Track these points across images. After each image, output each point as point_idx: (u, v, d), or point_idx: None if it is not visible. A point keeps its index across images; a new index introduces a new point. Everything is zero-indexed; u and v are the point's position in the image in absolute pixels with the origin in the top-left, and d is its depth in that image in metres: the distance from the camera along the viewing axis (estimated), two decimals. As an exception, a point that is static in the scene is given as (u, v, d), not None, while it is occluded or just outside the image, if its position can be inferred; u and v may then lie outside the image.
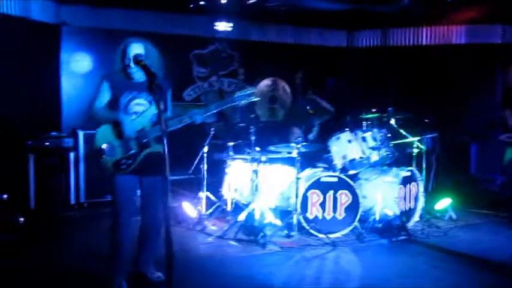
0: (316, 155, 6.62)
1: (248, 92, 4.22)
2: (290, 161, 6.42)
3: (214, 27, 8.81)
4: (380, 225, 5.97)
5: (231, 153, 6.61)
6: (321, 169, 6.35)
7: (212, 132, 6.60)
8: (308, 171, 6.29)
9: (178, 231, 6.05)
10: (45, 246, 5.51)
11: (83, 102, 7.95)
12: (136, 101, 4.05)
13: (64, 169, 6.88)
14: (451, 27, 9.55)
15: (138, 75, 4.06)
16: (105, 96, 4.06)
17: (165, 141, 2.73)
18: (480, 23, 9.35)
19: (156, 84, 3.12)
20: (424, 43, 9.78)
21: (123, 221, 4.04)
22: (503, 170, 8.45)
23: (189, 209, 6.44)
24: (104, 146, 3.95)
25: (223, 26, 8.82)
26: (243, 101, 4.21)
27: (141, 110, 4.04)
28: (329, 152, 6.25)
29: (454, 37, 9.57)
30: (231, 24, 8.87)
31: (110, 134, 3.98)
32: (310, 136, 6.90)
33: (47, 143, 6.81)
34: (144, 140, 4.00)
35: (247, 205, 6.19)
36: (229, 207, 6.56)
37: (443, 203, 6.79)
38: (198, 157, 6.63)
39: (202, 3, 8.12)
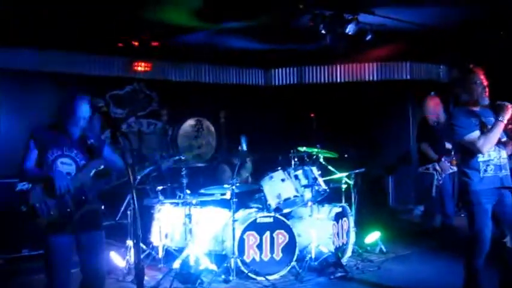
0: (248, 196, 6.52)
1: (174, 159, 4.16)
2: (222, 203, 6.27)
3: (132, 68, 8.57)
4: (316, 263, 5.91)
5: (160, 197, 6.34)
6: (255, 209, 6.24)
7: (138, 177, 6.30)
8: (242, 213, 6.17)
9: (107, 283, 5.59)
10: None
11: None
12: (63, 159, 3.84)
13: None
14: (363, 64, 9.95)
15: (75, 131, 3.86)
16: (33, 155, 3.82)
17: (134, 195, 2.53)
18: (390, 61, 9.82)
19: (121, 133, 2.90)
20: (338, 80, 10.09)
21: (59, 286, 3.72)
22: (419, 200, 8.81)
23: (117, 258, 6.06)
24: (37, 204, 3.63)
25: (140, 67, 8.60)
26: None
27: (65, 168, 3.82)
28: (262, 191, 6.17)
29: (366, 74, 9.97)
30: (149, 64, 8.67)
31: (44, 191, 3.68)
32: (244, 173, 6.79)
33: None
34: (82, 197, 3.74)
35: (179, 251, 5.94)
36: (160, 255, 6.24)
37: (373, 237, 6.89)
38: (125, 203, 6.31)
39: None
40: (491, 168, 4.38)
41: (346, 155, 8.55)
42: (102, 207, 3.91)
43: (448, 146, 7.23)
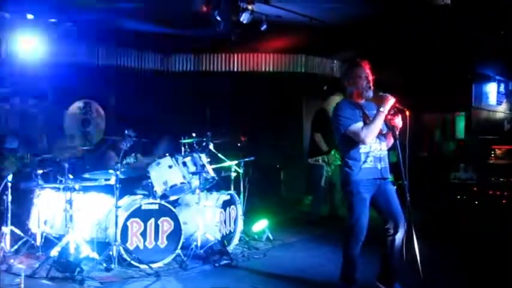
0: (134, 182, 6.35)
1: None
2: (106, 189, 6.06)
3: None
4: (202, 251, 5.88)
5: (40, 181, 6.00)
6: (140, 196, 6.08)
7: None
8: (127, 199, 5.99)
9: (-22, 272, 5.27)
10: None
11: None
12: None
13: None
14: (260, 55, 10.02)
15: None
16: None
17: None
18: (286, 53, 9.96)
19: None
20: (235, 69, 10.09)
21: None
22: (309, 190, 9.05)
23: (-9, 246, 5.68)
24: None
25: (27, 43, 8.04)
26: None
27: None
28: (149, 178, 6.02)
29: (263, 65, 10.05)
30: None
31: None
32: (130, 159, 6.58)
33: None
34: None
35: (59, 238, 5.67)
36: (38, 242, 5.92)
37: (260, 225, 6.97)
38: (1, 186, 5.90)
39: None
40: (371, 159, 4.54)
41: (239, 144, 8.61)
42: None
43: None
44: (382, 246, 4.68)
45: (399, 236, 4.57)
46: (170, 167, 5.95)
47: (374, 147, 4.56)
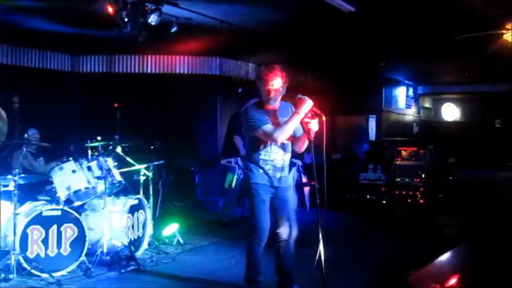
0: (38, 188, 6.12)
1: None
2: (7, 195, 5.79)
3: None
4: (108, 257, 5.74)
5: None
6: (42, 202, 5.85)
7: None
8: (28, 206, 5.74)
9: None
10: None
11: None
12: None
13: None
14: (174, 57, 9.94)
15: None
16: None
17: None
18: (201, 55, 9.94)
19: None
20: (149, 71, 9.96)
21: None
22: (223, 192, 9.07)
23: None
24: None
25: None
26: None
27: None
28: (52, 183, 5.82)
29: (177, 67, 9.98)
30: None
31: None
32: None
33: None
34: None
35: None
36: None
37: (171, 229, 6.89)
38: None
39: None
40: (269, 167, 4.60)
41: (152, 147, 8.50)
42: None
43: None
44: (275, 252, 4.75)
45: (291, 241, 4.69)
46: (74, 171, 5.78)
47: (274, 157, 4.61)
